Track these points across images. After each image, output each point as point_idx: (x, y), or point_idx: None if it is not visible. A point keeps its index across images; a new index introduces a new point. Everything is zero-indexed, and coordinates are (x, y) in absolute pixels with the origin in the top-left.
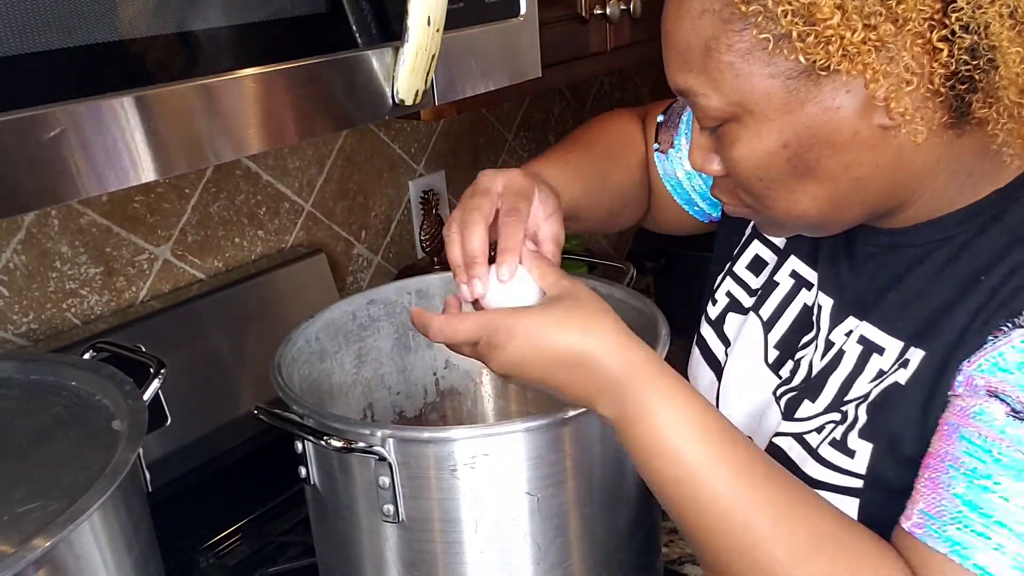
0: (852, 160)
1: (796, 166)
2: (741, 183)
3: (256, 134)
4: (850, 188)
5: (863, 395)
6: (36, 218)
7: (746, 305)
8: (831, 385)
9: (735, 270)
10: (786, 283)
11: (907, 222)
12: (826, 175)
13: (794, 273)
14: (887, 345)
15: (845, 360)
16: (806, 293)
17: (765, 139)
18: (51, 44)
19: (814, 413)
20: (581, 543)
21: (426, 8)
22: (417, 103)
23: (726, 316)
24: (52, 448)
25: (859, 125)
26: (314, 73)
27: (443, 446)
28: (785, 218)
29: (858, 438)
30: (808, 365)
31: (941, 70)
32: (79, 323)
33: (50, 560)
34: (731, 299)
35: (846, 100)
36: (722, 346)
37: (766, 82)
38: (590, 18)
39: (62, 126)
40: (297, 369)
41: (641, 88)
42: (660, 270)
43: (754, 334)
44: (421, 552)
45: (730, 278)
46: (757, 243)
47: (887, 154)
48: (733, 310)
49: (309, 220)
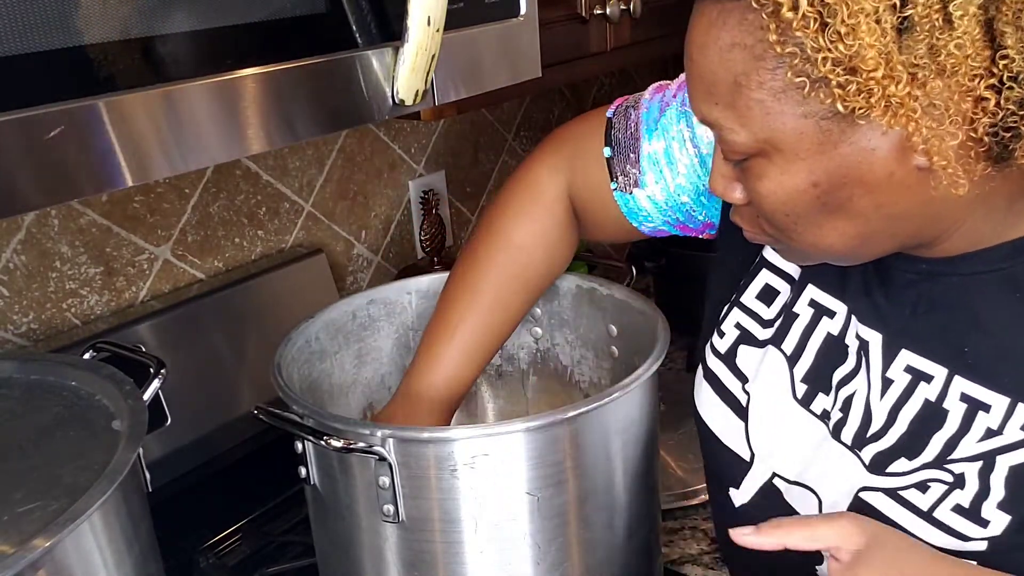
0: (885, 200)
1: (825, 204)
2: (765, 215)
3: (256, 134)
4: (881, 225)
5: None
6: (36, 218)
7: (761, 337)
8: (934, 444)
9: (743, 300)
10: (806, 313)
11: (944, 253)
12: (857, 213)
13: (813, 302)
14: (992, 402)
15: (950, 419)
16: (828, 322)
17: (794, 177)
18: (51, 44)
19: (911, 469)
20: (581, 543)
21: (426, 8)
22: (417, 103)
23: (737, 349)
24: (52, 448)
25: (894, 167)
26: (314, 73)
27: (443, 446)
28: (811, 250)
29: (996, 509)
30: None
31: (987, 119)
32: (79, 323)
33: (50, 560)
34: (742, 331)
35: (882, 142)
36: (738, 382)
37: (798, 122)
38: (590, 18)
39: (62, 126)
40: (297, 369)
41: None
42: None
43: (777, 369)
44: (421, 552)
45: (738, 308)
46: (766, 272)
47: (922, 193)
48: (745, 343)
49: (309, 220)
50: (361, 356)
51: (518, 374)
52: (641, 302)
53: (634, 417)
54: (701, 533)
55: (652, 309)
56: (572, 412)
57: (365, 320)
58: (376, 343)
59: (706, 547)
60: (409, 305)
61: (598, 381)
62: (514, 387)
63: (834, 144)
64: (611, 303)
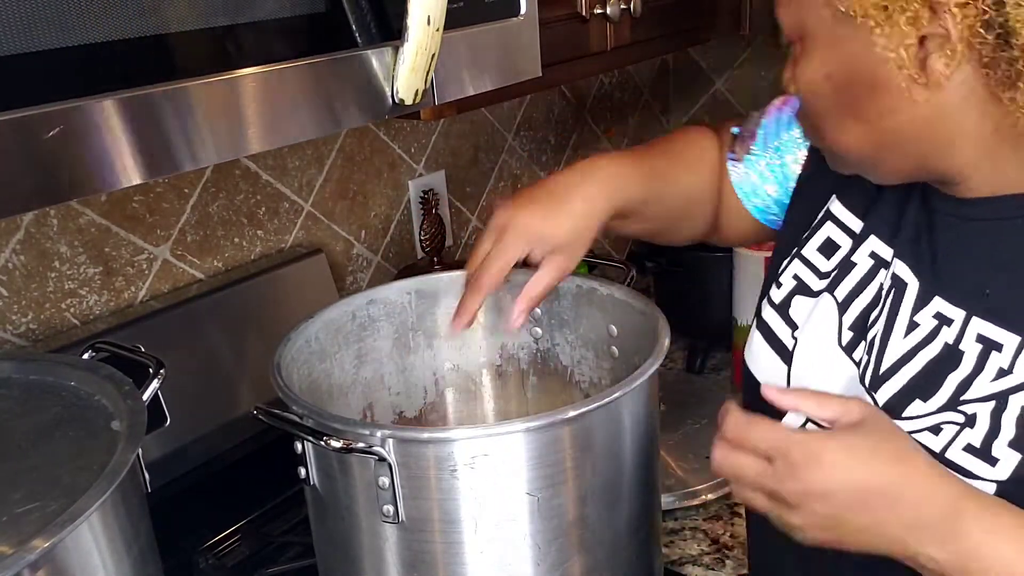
0: (887, 107)
1: (838, 101)
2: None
3: (256, 134)
4: (887, 136)
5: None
6: (35, 218)
7: (815, 288)
8: (948, 385)
9: (803, 253)
10: (864, 263)
11: (972, 193)
12: (864, 116)
13: (873, 254)
14: (1004, 341)
15: (965, 360)
16: (883, 273)
17: (814, 65)
18: (51, 44)
19: (926, 412)
20: (581, 543)
21: (426, 7)
22: (417, 103)
23: (792, 299)
24: (51, 448)
25: (903, 76)
26: (314, 73)
27: (443, 446)
28: (840, 150)
29: (1007, 448)
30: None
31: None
32: (78, 323)
33: (49, 561)
34: (798, 282)
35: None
36: (788, 329)
37: (820, 11)
38: (590, 18)
39: (62, 126)
40: (296, 369)
41: (641, 88)
42: (660, 270)
43: (828, 315)
44: (421, 552)
45: (798, 260)
46: (830, 225)
47: (927, 109)
48: (800, 293)
49: (309, 220)
50: (361, 356)
51: (518, 374)
52: (641, 302)
53: (634, 417)
54: (701, 533)
55: (652, 309)
56: (572, 412)
57: (365, 320)
58: (376, 343)
59: (706, 547)
60: (409, 305)
61: (598, 381)
62: (514, 387)
63: (848, 39)
64: (611, 303)
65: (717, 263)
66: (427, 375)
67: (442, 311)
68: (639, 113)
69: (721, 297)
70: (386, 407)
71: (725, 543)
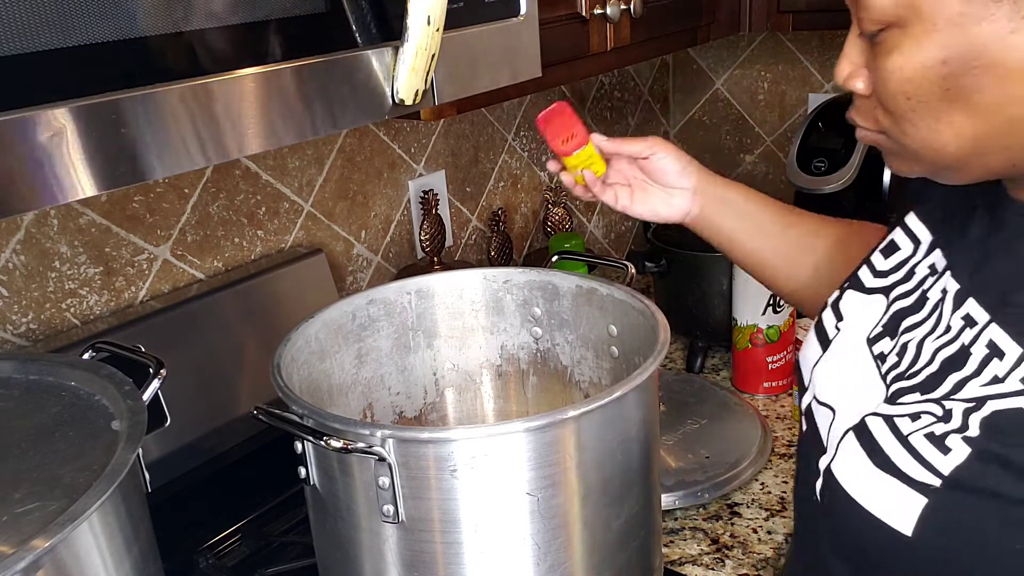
0: (1011, 95)
1: (949, 89)
2: (886, 100)
3: (256, 134)
4: (999, 127)
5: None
6: (35, 218)
7: (868, 284)
8: (947, 383)
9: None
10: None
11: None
12: (979, 107)
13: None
14: (1008, 351)
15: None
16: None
17: (926, 50)
18: (51, 44)
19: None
20: (581, 543)
21: (426, 7)
22: (417, 103)
23: (844, 292)
24: (52, 448)
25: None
26: (314, 73)
27: (443, 446)
28: (920, 149)
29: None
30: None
31: None
32: (78, 323)
33: (49, 561)
34: (853, 278)
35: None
36: (834, 319)
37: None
38: (590, 18)
39: (61, 126)
40: (297, 369)
41: (641, 88)
42: (660, 270)
43: (874, 313)
44: (421, 552)
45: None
46: (898, 231)
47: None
48: (853, 288)
49: (309, 220)
50: (361, 356)
51: (518, 374)
52: (641, 302)
53: (634, 417)
54: (701, 533)
55: (652, 309)
56: (572, 412)
57: (365, 320)
58: (376, 343)
59: (706, 547)
60: (409, 305)
61: (598, 381)
62: (514, 387)
63: (974, 19)
64: (611, 303)
65: (717, 263)
66: (427, 375)
67: (442, 311)
68: (639, 113)
69: (721, 297)
70: (386, 407)
71: (725, 543)
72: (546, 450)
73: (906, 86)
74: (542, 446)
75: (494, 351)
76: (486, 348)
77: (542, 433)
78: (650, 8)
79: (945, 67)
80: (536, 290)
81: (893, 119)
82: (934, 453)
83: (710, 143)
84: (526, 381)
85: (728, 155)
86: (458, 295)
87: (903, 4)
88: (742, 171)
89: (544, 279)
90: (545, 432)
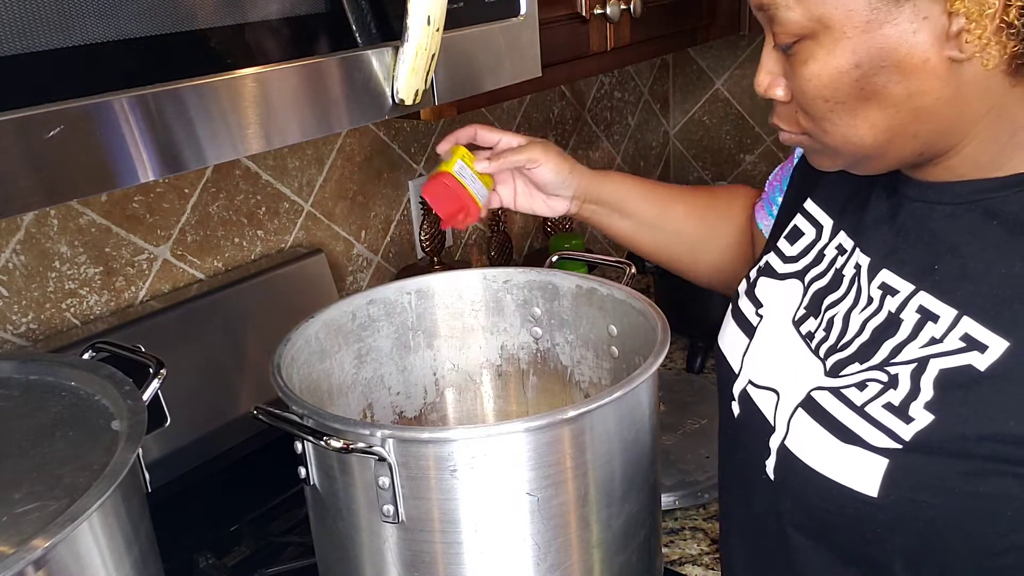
0: (917, 88)
1: (863, 88)
2: (805, 104)
3: (256, 134)
4: (909, 118)
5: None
6: (35, 218)
7: (780, 271)
8: (883, 350)
9: (777, 244)
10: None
11: (944, 176)
12: (889, 101)
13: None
14: (942, 314)
15: (903, 328)
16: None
17: (839, 57)
18: (51, 44)
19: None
20: (581, 543)
21: (426, 7)
22: (417, 103)
23: (758, 280)
24: (52, 448)
25: (930, 53)
26: (314, 73)
27: (443, 446)
28: (841, 145)
29: (923, 409)
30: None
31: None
32: (78, 323)
33: (49, 560)
34: (765, 265)
35: (923, 26)
36: (753, 307)
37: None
38: (590, 18)
39: (62, 126)
40: (297, 369)
41: (641, 88)
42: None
43: (792, 297)
44: (421, 552)
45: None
46: (799, 217)
47: (950, 88)
48: (765, 275)
49: (309, 220)
50: (361, 356)
51: (518, 374)
52: (641, 302)
53: (634, 417)
54: (701, 533)
55: (652, 309)
56: (572, 412)
57: (365, 320)
58: (376, 343)
59: (706, 547)
60: (409, 305)
61: (598, 381)
62: (514, 387)
63: (880, 24)
64: (611, 303)
65: None
66: (427, 375)
67: (442, 311)
68: (639, 113)
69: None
70: (386, 407)
71: None
72: (546, 450)
73: (823, 91)
74: (542, 446)
75: (494, 351)
76: (486, 348)
77: (542, 433)
78: (650, 8)
79: (858, 70)
80: (536, 290)
81: (813, 121)
82: (895, 422)
83: (710, 143)
84: (526, 381)
85: (728, 155)
86: (458, 295)
87: (813, 18)
88: (742, 171)
89: (544, 279)
90: (545, 432)
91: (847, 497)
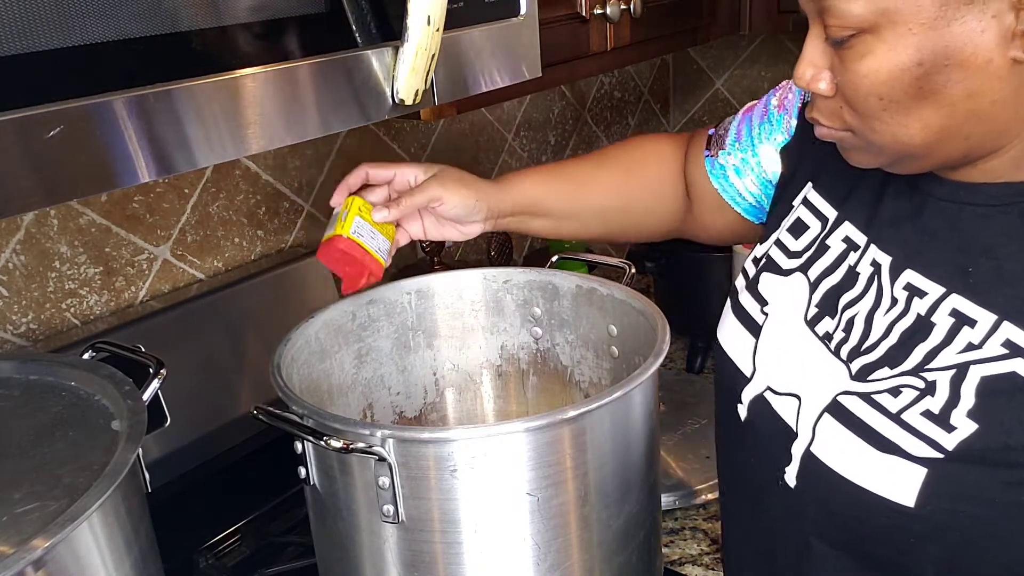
0: (977, 89)
1: (922, 87)
2: (856, 101)
3: (256, 134)
4: (963, 119)
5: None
6: (35, 218)
7: (784, 266)
8: (916, 354)
9: (777, 236)
10: (837, 247)
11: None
12: (947, 101)
13: (847, 239)
14: (979, 318)
15: (935, 332)
16: (853, 256)
17: (901, 54)
18: (51, 44)
19: (889, 376)
20: (581, 543)
21: (426, 7)
22: (417, 103)
23: (760, 276)
24: (51, 448)
25: (995, 53)
26: (313, 73)
27: (443, 446)
28: (889, 143)
29: (966, 417)
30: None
31: None
32: (78, 323)
33: (49, 560)
34: (767, 259)
35: (991, 25)
36: (757, 305)
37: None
38: (590, 18)
39: (62, 126)
40: (297, 369)
41: (641, 88)
42: (660, 270)
43: (799, 293)
44: (421, 553)
45: (772, 243)
46: (802, 208)
47: (1009, 89)
48: (768, 270)
49: (309, 220)
50: (361, 356)
51: (518, 374)
52: (641, 302)
53: (634, 417)
54: (701, 533)
55: (652, 309)
56: (572, 412)
57: (365, 320)
58: (376, 343)
59: (706, 547)
60: (409, 305)
61: (598, 381)
62: (514, 387)
63: (948, 21)
64: (611, 303)
65: (716, 263)
66: (427, 375)
67: (442, 311)
68: (639, 113)
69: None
70: (386, 407)
71: None
72: (546, 450)
73: (879, 88)
74: (542, 446)
75: (494, 351)
76: (486, 348)
77: (542, 433)
78: (650, 8)
79: (920, 68)
80: (536, 290)
81: (862, 118)
82: (936, 431)
83: None
84: (526, 381)
85: None
86: (458, 295)
87: (877, 11)
88: None
89: (544, 279)
90: (545, 432)
91: (880, 506)
